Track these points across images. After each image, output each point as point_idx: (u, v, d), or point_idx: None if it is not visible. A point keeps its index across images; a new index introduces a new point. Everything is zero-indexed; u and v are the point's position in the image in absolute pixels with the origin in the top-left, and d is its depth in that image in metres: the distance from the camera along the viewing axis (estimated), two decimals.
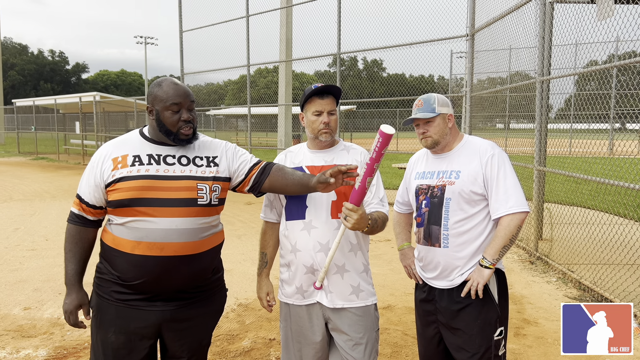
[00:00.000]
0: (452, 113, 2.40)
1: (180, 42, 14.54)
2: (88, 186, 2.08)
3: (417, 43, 9.61)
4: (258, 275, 2.53)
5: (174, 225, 2.02)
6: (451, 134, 2.40)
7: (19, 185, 13.37)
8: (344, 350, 2.33)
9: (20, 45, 79.57)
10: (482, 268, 2.25)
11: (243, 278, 5.35)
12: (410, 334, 3.93)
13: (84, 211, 2.10)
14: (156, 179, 2.03)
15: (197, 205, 2.07)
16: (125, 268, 2.04)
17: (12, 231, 7.68)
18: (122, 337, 2.07)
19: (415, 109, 2.42)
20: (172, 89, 2.07)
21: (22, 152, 27.08)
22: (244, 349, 3.71)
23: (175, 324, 2.14)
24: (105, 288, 2.10)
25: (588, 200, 8.34)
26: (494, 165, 2.26)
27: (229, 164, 2.23)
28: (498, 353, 2.30)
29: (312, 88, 2.32)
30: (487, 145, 2.34)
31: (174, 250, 2.03)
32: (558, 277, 5.34)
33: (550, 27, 5.71)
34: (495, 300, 2.30)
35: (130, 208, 2.01)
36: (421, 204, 2.42)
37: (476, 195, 2.28)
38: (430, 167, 2.45)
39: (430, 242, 2.38)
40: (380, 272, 5.52)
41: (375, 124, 37.18)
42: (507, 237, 2.21)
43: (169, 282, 2.07)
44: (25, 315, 4.35)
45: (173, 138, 2.10)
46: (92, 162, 2.11)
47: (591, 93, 11.90)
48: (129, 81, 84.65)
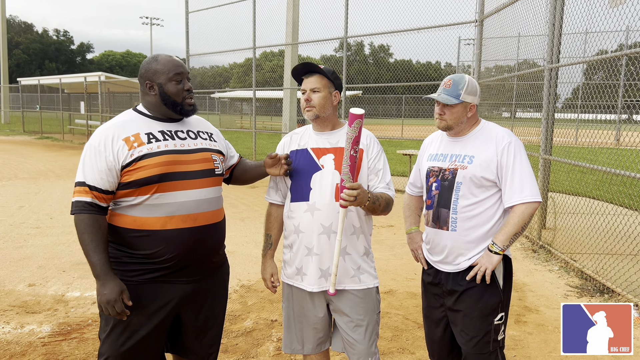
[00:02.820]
0: (476, 103, 2.35)
1: (186, 23, 14.43)
2: (98, 171, 1.98)
3: (425, 28, 9.51)
4: (263, 257, 2.54)
5: (202, 196, 2.11)
6: (468, 122, 2.37)
7: (23, 164, 13.42)
8: (345, 331, 2.35)
9: (25, 24, 79.19)
10: (491, 253, 2.24)
11: (246, 260, 5.38)
12: (411, 319, 3.95)
13: (95, 198, 1.98)
14: (178, 153, 2.08)
15: (215, 175, 2.20)
16: (155, 245, 2.03)
17: (16, 209, 7.73)
18: (143, 318, 2.07)
19: (441, 88, 2.35)
20: (171, 61, 2.12)
21: (27, 131, 27.12)
22: (246, 329, 3.74)
23: (193, 297, 2.18)
24: (123, 272, 2.06)
25: (593, 190, 8.31)
26: (510, 153, 2.24)
27: (224, 146, 2.37)
28: (497, 337, 2.31)
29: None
30: (504, 132, 2.32)
31: (205, 219, 2.13)
32: (560, 266, 5.35)
33: (561, 13, 5.64)
34: (500, 286, 2.30)
35: (160, 184, 2.01)
36: (431, 186, 2.41)
37: (487, 181, 2.27)
38: (444, 149, 2.43)
39: (439, 224, 2.37)
40: (382, 257, 5.54)
41: (381, 110, 37.04)
42: (519, 225, 2.20)
43: (200, 252, 2.13)
44: (30, 292, 4.40)
45: (180, 109, 2.13)
46: (95, 145, 2.00)
47: (599, 83, 11.78)
48: (134, 62, 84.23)
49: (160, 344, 2.18)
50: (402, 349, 3.48)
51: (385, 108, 36.82)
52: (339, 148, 2.34)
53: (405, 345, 3.53)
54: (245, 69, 28.60)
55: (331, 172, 2.30)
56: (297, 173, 2.36)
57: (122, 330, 2.06)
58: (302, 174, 2.35)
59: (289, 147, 2.44)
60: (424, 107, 32.00)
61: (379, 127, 29.03)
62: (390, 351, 3.44)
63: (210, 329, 2.29)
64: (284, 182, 2.46)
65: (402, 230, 6.84)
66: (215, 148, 2.24)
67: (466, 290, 2.31)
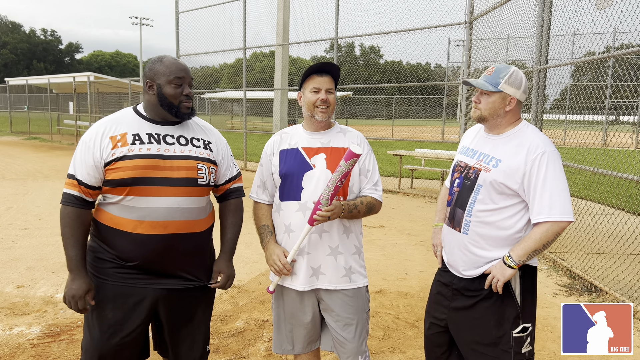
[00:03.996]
0: (517, 97, 2.15)
1: (176, 24, 14.38)
2: (86, 166, 2.02)
3: (415, 29, 9.56)
4: (265, 246, 2.44)
5: (176, 204, 2.05)
6: (505, 117, 2.18)
7: (11, 164, 13.27)
8: (335, 330, 2.36)
9: (13, 24, 78.31)
10: (504, 266, 2.09)
11: (236, 261, 5.31)
12: (401, 318, 3.97)
13: (82, 192, 2.03)
14: (157, 158, 2.04)
15: (197, 185, 2.12)
16: (126, 247, 2.04)
17: (4, 210, 7.65)
18: (120, 313, 2.08)
19: (483, 75, 2.20)
20: (174, 64, 2.10)
21: (14, 131, 26.82)
22: (237, 330, 3.74)
23: (169, 298, 2.15)
24: (101, 268, 2.10)
25: (581, 190, 8.40)
26: (542, 164, 2.04)
27: (221, 157, 2.27)
28: (520, 350, 2.16)
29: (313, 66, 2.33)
30: (540, 140, 2.10)
31: (176, 228, 2.07)
32: (549, 265, 5.40)
33: (549, 15, 5.70)
34: (516, 297, 2.16)
35: (132, 187, 2.00)
36: (454, 181, 2.31)
37: (508, 189, 2.10)
38: (476, 144, 2.29)
39: (453, 224, 2.28)
40: (373, 257, 5.56)
41: (371, 111, 37.12)
42: (541, 242, 2.04)
43: (170, 260, 2.09)
44: (19, 293, 4.35)
45: (175, 112, 2.10)
46: (86, 141, 2.04)
47: (587, 85, 11.91)
48: (123, 62, 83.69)
49: (139, 340, 2.16)
50: (393, 348, 3.50)
51: (376, 109, 36.93)
52: (330, 148, 2.35)
53: (396, 345, 3.54)
54: (236, 69, 28.52)
55: (323, 172, 2.31)
56: (288, 172, 2.36)
57: (99, 324, 2.09)
58: (293, 173, 2.35)
59: (279, 147, 2.43)
60: (414, 108, 32.13)
61: (369, 127, 29.08)
62: (381, 350, 3.46)
63: (190, 333, 2.25)
64: (272, 181, 2.45)
65: (392, 230, 6.86)
66: (204, 157, 2.15)
67: (479, 300, 2.19)
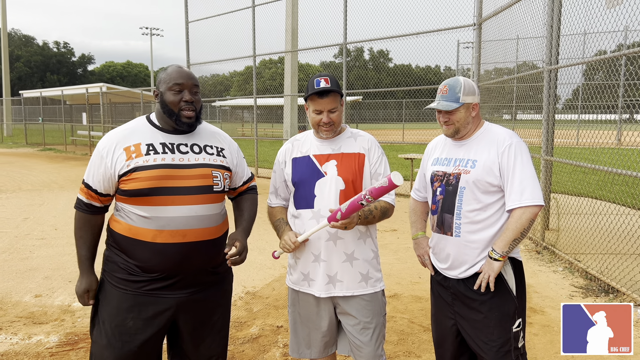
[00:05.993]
0: (477, 102, 2.31)
1: (186, 33, 14.54)
2: (97, 175, 2.08)
3: (423, 32, 9.56)
4: (280, 234, 2.45)
5: (193, 212, 2.08)
6: (473, 123, 2.32)
7: (27, 175, 13.47)
8: (352, 334, 2.37)
9: (26, 37, 79.69)
10: (491, 260, 2.19)
11: (250, 267, 5.39)
12: (416, 322, 3.96)
13: (92, 199, 2.11)
14: (172, 167, 2.07)
15: (213, 192, 2.15)
16: (146, 257, 2.07)
17: (21, 220, 7.76)
18: (140, 322, 2.10)
19: (439, 96, 2.31)
20: (175, 71, 2.13)
21: (29, 143, 27.23)
22: (252, 336, 3.75)
23: (189, 305, 2.17)
24: (120, 278, 2.11)
25: (595, 191, 8.31)
26: (511, 154, 2.18)
27: (235, 162, 2.31)
28: (517, 345, 2.24)
29: (314, 82, 2.30)
30: (506, 134, 2.26)
31: (195, 236, 2.10)
32: (564, 267, 5.35)
33: (559, 15, 5.67)
34: (513, 292, 2.24)
35: (149, 197, 2.03)
36: (436, 191, 2.37)
37: (492, 186, 2.21)
38: (448, 153, 2.39)
39: (443, 230, 2.33)
40: (386, 261, 5.55)
41: (381, 115, 37.09)
42: (518, 230, 2.14)
43: (190, 267, 2.12)
44: (37, 303, 4.41)
45: (175, 119, 2.11)
46: (100, 151, 2.09)
47: (599, 83, 11.80)
48: (135, 72, 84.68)
49: (157, 349, 2.19)
50: (408, 352, 3.49)
51: (386, 113, 36.87)
52: (340, 154, 2.37)
53: (411, 349, 3.53)
54: (246, 77, 28.67)
55: (334, 179, 2.32)
56: (300, 180, 2.38)
57: (118, 332, 2.09)
58: (305, 181, 2.37)
59: (291, 155, 2.46)
60: (424, 111, 32.04)
61: (380, 131, 29.04)
62: (396, 355, 3.45)
63: (208, 337, 2.27)
64: (284, 188, 2.48)
65: (405, 234, 6.84)
66: (218, 164, 2.19)
67: (480, 300, 2.25)
